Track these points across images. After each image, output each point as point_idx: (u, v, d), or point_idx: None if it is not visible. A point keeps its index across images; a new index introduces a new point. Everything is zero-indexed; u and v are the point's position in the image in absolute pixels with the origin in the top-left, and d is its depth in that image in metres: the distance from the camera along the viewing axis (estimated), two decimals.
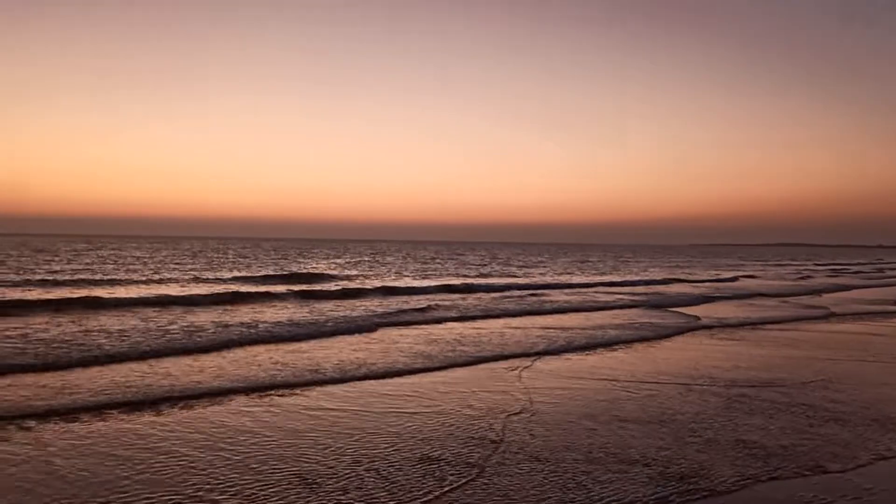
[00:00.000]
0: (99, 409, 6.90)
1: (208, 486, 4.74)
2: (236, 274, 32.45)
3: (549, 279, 35.26)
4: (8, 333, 11.64)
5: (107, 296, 18.76)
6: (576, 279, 35.85)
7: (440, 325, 14.90)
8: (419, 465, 5.30)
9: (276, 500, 4.54)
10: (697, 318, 17.44)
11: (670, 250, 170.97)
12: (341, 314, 15.92)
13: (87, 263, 38.71)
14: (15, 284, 23.33)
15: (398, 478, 5.02)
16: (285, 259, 54.23)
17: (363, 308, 17.69)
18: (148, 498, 4.50)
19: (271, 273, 33.39)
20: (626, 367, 10.11)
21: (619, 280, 35.07)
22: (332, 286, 26.05)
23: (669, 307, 20.46)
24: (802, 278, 41.45)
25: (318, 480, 4.93)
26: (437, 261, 59.03)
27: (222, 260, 49.09)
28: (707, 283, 34.29)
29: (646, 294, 25.58)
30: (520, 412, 7.09)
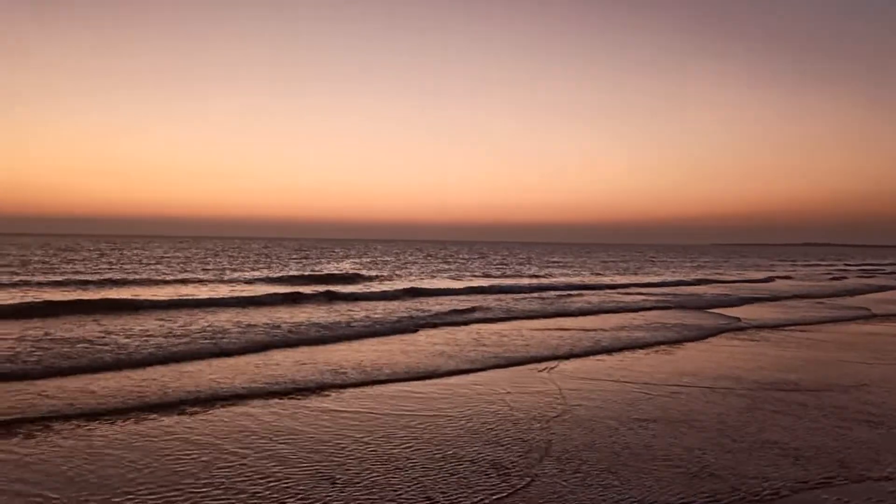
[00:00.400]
0: (129, 411, 6.89)
1: (238, 484, 4.70)
2: (268, 275, 32.21)
3: (579, 280, 34.79)
4: (52, 335, 11.71)
5: (159, 297, 18.97)
6: (607, 280, 35.48)
7: (476, 327, 14.74)
8: (468, 470, 5.13)
9: (304, 498, 4.50)
10: (738, 319, 17.07)
11: (693, 250, 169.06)
12: (379, 316, 15.73)
13: (114, 264, 38.87)
14: (40, 285, 23.39)
15: (446, 484, 4.87)
16: (308, 259, 54.22)
17: (399, 309, 17.48)
18: (176, 493, 4.50)
19: (302, 274, 33.08)
20: (672, 369, 9.86)
21: (652, 281, 34.68)
22: (365, 287, 25.88)
23: (707, 308, 20.06)
24: (835, 279, 40.59)
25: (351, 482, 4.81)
26: (462, 261, 58.68)
27: (247, 260, 49.07)
28: (741, 284, 33.68)
29: (682, 295, 25.15)
30: (559, 416, 6.89)
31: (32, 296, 19.05)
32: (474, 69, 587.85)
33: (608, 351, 11.46)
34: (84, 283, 24.04)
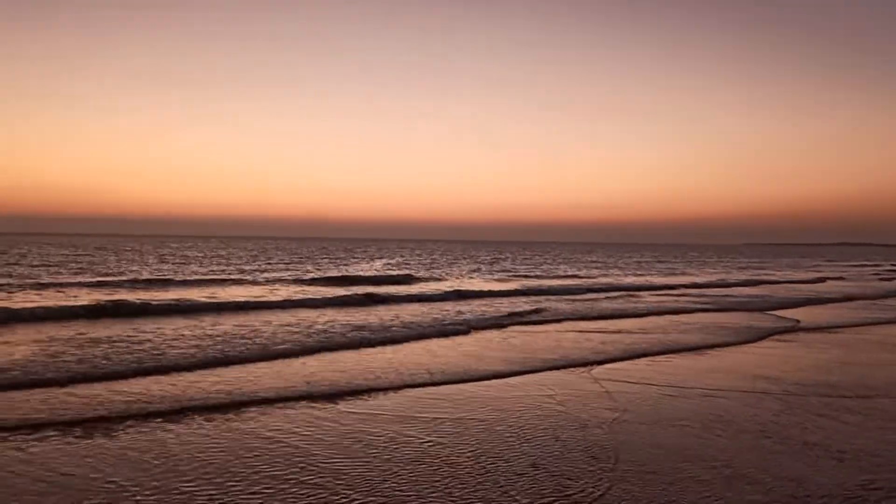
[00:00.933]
0: (183, 411, 6.93)
1: (310, 480, 4.63)
2: (311, 276, 32.10)
3: (620, 280, 34.32)
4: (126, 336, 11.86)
5: (224, 298, 19.29)
6: (649, 280, 34.91)
7: (522, 328, 14.64)
8: (543, 476, 4.99)
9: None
10: (797, 321, 16.54)
11: (726, 249, 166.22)
12: (428, 318, 15.56)
13: (149, 264, 39.36)
14: (95, 285, 23.70)
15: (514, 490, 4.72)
16: (339, 259, 54.34)
17: (450, 311, 17.27)
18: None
19: (343, 275, 32.79)
20: (726, 371, 9.57)
21: (697, 281, 34.05)
22: (414, 289, 25.53)
23: (767, 310, 19.53)
24: (884, 279, 39.43)
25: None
26: (496, 261, 58.31)
27: (283, 261, 49.34)
28: (792, 285, 32.70)
29: (733, 297, 24.57)
30: (616, 419, 6.74)
31: (99, 296, 19.34)
32: (488, 67, 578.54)
33: (660, 353, 11.18)
34: (120, 285, 24.29)
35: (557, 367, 9.71)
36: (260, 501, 4.39)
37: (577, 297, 23.58)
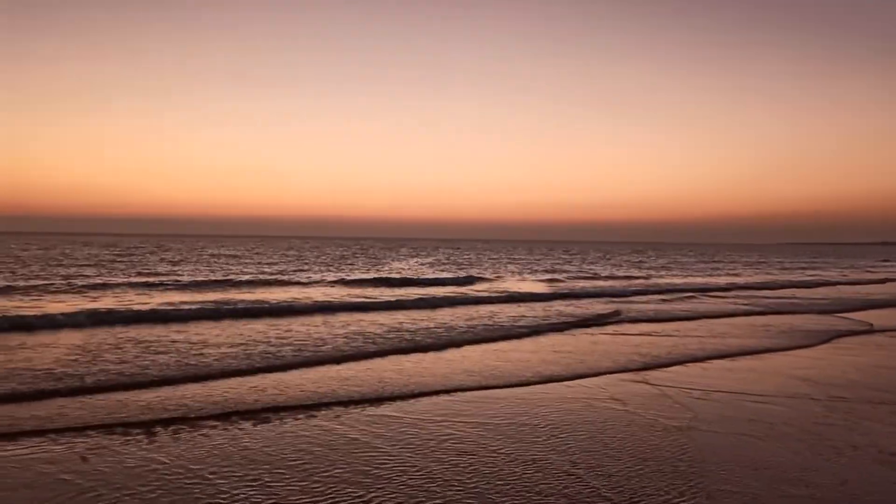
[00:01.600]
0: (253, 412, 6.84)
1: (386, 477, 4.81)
2: (364, 276, 31.89)
3: (674, 281, 33.53)
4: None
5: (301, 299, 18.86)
6: (703, 280, 34.20)
7: (587, 331, 14.39)
8: (636, 485, 4.86)
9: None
10: (870, 324, 15.82)
11: (767, 249, 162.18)
12: (491, 321, 15.32)
13: (191, 263, 39.57)
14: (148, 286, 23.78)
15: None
16: (378, 259, 54.14)
17: (508, 314, 16.95)
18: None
19: (390, 276, 32.21)
20: (788, 375, 9.25)
21: (755, 282, 33.36)
22: (467, 291, 24.97)
23: (835, 312, 18.80)
24: None
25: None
26: (537, 261, 57.52)
27: (327, 262, 49.23)
28: (854, 287, 31.39)
29: (796, 298, 23.85)
30: (687, 426, 6.50)
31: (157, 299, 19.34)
32: (490, 65, 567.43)
33: (725, 356, 10.93)
34: (164, 285, 24.37)
35: (616, 371, 9.58)
36: (360, 495, 4.58)
37: (629, 299, 23.00)
